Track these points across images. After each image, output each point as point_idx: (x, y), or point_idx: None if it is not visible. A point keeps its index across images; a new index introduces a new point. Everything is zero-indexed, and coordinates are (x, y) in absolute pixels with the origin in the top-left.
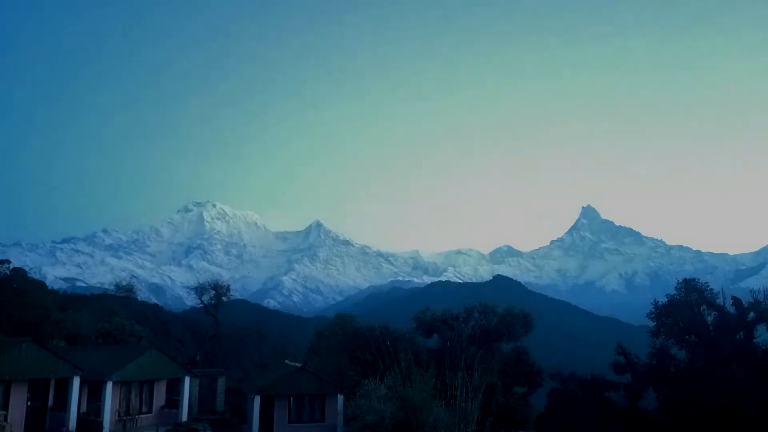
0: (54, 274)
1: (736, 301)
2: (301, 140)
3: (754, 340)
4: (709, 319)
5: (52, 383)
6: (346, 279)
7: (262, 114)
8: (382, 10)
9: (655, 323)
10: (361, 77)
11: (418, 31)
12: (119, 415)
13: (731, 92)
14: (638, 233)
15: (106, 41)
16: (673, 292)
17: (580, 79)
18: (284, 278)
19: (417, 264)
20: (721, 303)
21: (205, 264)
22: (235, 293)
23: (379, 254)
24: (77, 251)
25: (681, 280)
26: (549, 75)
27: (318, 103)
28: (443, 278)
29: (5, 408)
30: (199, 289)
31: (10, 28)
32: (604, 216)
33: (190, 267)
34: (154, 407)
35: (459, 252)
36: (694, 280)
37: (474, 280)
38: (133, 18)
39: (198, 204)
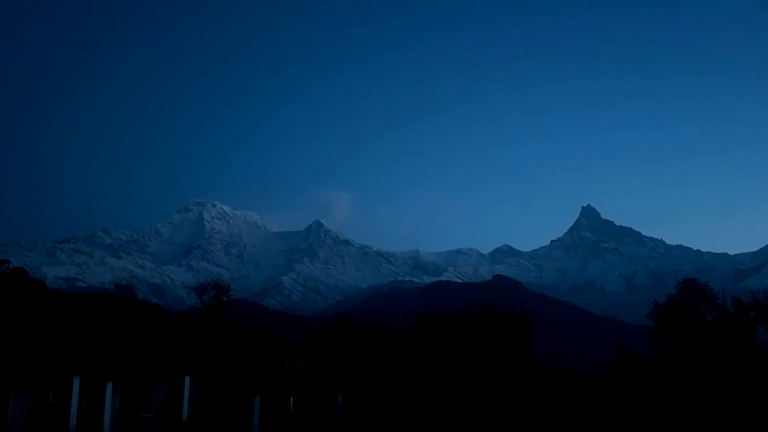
0: (54, 274)
1: (736, 301)
2: (302, 140)
3: (754, 340)
4: (709, 319)
5: (52, 383)
6: (346, 279)
7: (263, 114)
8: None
9: (655, 323)
10: (363, 79)
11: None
12: (119, 415)
13: (731, 92)
14: (638, 233)
15: (105, 41)
16: (673, 292)
17: (581, 80)
18: (284, 278)
19: (417, 264)
20: (721, 303)
21: (205, 264)
22: (235, 293)
23: (379, 254)
24: (77, 251)
25: (681, 280)
26: (550, 76)
27: (319, 103)
28: (443, 278)
29: (5, 408)
30: (199, 289)
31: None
32: (604, 216)
33: (190, 267)
34: (154, 407)
35: (459, 252)
36: (694, 280)
37: (474, 280)
38: (120, 16)
39: (198, 204)
